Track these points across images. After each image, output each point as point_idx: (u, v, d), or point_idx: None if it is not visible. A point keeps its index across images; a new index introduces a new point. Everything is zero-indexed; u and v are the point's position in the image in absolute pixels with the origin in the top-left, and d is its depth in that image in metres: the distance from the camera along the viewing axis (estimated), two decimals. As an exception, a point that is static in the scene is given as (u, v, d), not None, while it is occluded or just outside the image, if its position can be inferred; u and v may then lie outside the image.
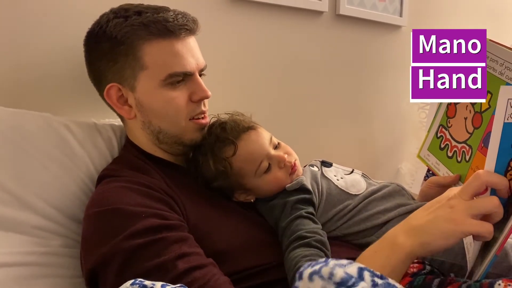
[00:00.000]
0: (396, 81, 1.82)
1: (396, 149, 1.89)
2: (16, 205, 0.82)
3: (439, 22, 1.91)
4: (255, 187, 0.93)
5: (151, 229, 0.73)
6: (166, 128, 0.90)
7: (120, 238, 0.72)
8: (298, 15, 1.45)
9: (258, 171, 0.91)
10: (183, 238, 0.75)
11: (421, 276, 0.81)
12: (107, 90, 0.88)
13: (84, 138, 0.94)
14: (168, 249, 0.72)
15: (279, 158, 0.92)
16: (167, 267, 0.70)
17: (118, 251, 0.71)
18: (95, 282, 0.75)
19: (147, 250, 0.71)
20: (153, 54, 0.85)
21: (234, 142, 0.91)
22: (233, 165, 0.91)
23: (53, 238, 0.85)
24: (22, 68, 0.95)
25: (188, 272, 0.70)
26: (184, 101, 0.89)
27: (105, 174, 0.88)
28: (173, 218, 0.78)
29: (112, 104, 0.90)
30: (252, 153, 0.91)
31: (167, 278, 0.69)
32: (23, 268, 0.78)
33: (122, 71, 0.86)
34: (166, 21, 0.85)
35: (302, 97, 1.52)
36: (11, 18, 0.93)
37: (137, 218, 0.74)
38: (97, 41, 0.88)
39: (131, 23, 0.84)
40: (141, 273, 0.69)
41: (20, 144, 0.85)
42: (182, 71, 0.87)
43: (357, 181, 0.99)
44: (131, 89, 0.88)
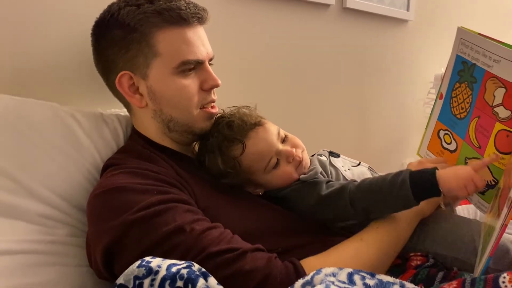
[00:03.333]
0: (402, 75, 1.81)
1: (401, 144, 1.89)
2: (23, 193, 0.82)
3: (446, 17, 1.90)
4: (265, 182, 0.94)
5: (163, 201, 0.75)
6: (177, 116, 0.90)
7: (134, 210, 0.73)
8: (305, 8, 1.44)
9: (267, 168, 0.91)
10: (194, 210, 0.78)
11: (425, 268, 0.81)
12: (118, 78, 0.88)
13: (90, 128, 0.94)
14: (182, 216, 0.74)
15: (288, 153, 0.92)
16: (185, 229, 0.72)
17: (134, 221, 0.72)
18: (109, 261, 0.75)
19: (162, 216, 0.73)
20: (166, 41, 0.86)
21: (242, 142, 0.90)
22: (242, 163, 0.91)
23: (59, 227, 0.85)
24: (29, 58, 0.96)
25: (205, 231, 0.74)
26: (195, 90, 0.90)
27: (110, 163, 0.88)
28: (183, 195, 0.80)
29: (123, 93, 0.90)
30: (261, 151, 0.91)
31: (187, 239, 0.72)
32: (29, 256, 0.78)
33: (134, 58, 0.87)
34: (179, 9, 0.86)
35: (308, 90, 1.52)
36: (19, 9, 0.93)
37: (148, 193, 0.76)
38: (108, 29, 0.87)
39: (144, 10, 0.85)
40: (161, 237, 0.71)
41: (26, 133, 0.85)
42: (194, 59, 0.88)
43: (364, 174, 1.00)
44: (143, 77, 0.88)
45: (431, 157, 1.03)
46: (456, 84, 0.93)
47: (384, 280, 0.60)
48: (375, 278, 0.60)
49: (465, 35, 0.88)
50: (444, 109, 0.96)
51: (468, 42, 0.87)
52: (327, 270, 0.60)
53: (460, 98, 0.91)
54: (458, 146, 0.93)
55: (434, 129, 1.01)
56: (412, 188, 0.78)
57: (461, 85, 0.91)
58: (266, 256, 0.75)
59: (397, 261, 0.87)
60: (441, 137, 0.98)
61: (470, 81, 0.87)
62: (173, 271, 0.61)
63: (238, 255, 0.72)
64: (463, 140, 0.91)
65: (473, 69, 0.86)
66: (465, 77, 0.89)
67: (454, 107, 0.93)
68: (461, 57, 0.90)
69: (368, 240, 0.82)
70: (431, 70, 1.83)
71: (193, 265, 0.63)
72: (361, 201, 0.84)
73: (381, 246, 0.82)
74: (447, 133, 0.96)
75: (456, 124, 0.93)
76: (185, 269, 0.62)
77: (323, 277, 0.57)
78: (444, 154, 0.98)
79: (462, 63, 0.90)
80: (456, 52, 0.91)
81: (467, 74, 0.88)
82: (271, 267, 0.73)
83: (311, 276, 0.59)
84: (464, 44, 0.88)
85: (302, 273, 0.73)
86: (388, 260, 0.84)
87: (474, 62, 0.85)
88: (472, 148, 0.88)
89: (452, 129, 0.94)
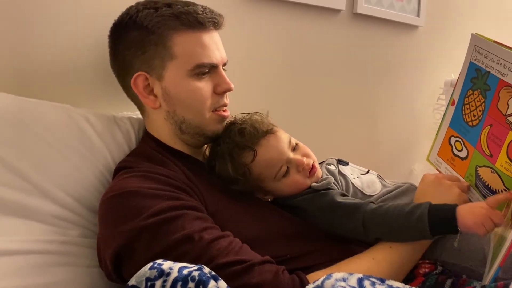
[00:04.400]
0: (411, 81, 1.81)
1: (410, 150, 1.88)
2: (37, 194, 0.83)
3: (457, 23, 1.90)
4: (274, 190, 0.94)
5: (173, 208, 0.76)
6: (189, 118, 0.91)
7: (144, 216, 0.74)
8: (316, 13, 1.45)
9: (277, 175, 0.92)
10: (203, 217, 0.79)
11: (433, 276, 0.81)
12: (134, 79, 0.89)
13: (103, 130, 0.95)
14: (192, 223, 0.75)
15: (298, 162, 0.92)
16: (194, 237, 0.73)
17: (145, 227, 0.73)
18: (119, 264, 0.76)
19: (172, 224, 0.74)
20: (182, 44, 0.88)
21: (253, 149, 0.91)
22: (252, 171, 0.91)
23: (72, 228, 0.86)
24: (43, 61, 0.97)
25: (214, 240, 0.74)
26: (209, 93, 0.91)
27: (122, 166, 0.89)
28: (193, 201, 0.80)
29: (138, 93, 0.91)
30: (272, 159, 0.91)
31: (196, 248, 0.72)
32: (42, 256, 0.79)
33: (150, 60, 0.88)
34: (196, 13, 0.88)
35: (317, 95, 1.52)
36: (34, 12, 0.95)
37: (159, 198, 0.77)
38: (126, 31, 0.89)
39: (162, 13, 0.87)
40: (170, 245, 0.72)
41: (41, 134, 0.87)
42: (209, 63, 0.90)
43: (373, 182, 0.99)
44: (158, 78, 0.89)
45: (441, 163, 1.02)
46: (468, 91, 0.92)
47: (394, 286, 0.60)
48: (385, 284, 0.60)
49: (480, 42, 0.87)
50: (456, 116, 0.96)
51: (482, 49, 0.86)
52: (337, 275, 0.61)
53: (473, 106, 0.91)
54: (469, 154, 0.93)
55: (445, 135, 1.00)
56: (430, 223, 0.78)
57: (474, 93, 0.90)
58: (274, 270, 0.75)
59: (406, 269, 0.86)
60: (452, 144, 0.98)
61: (484, 89, 0.87)
62: (185, 273, 0.62)
63: (246, 268, 0.72)
64: (474, 148, 0.90)
65: (486, 77, 0.85)
66: (478, 85, 0.89)
67: (466, 114, 0.93)
68: (474, 64, 0.89)
69: (380, 261, 0.82)
70: (441, 76, 1.83)
71: (204, 268, 0.64)
72: (374, 228, 0.84)
73: (392, 267, 0.82)
74: (458, 140, 0.96)
75: (468, 132, 0.92)
76: (196, 271, 0.63)
77: (333, 282, 0.58)
78: (455, 161, 0.98)
79: (476, 70, 0.89)
80: (470, 59, 0.90)
81: (480, 82, 0.88)
82: (279, 281, 0.73)
83: (321, 281, 0.60)
84: (478, 51, 0.87)
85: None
86: (398, 279, 0.82)
87: (488, 70, 0.84)
88: (483, 156, 0.88)
89: (464, 136, 0.94)
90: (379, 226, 0.83)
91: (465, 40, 0.91)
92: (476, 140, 0.90)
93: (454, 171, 0.97)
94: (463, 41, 0.90)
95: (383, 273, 0.80)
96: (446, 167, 1.00)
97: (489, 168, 0.86)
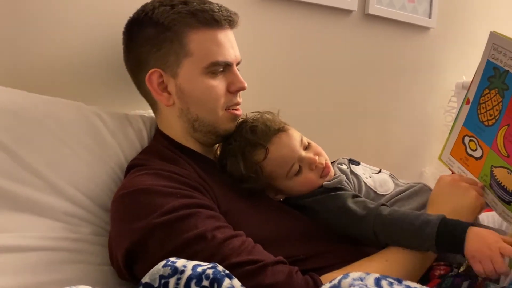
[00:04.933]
0: (422, 83, 1.80)
1: (420, 152, 1.87)
2: (50, 191, 0.83)
3: (469, 25, 1.88)
4: (286, 188, 0.93)
5: (187, 206, 0.75)
6: (203, 116, 0.91)
7: (158, 213, 0.74)
8: (327, 13, 1.44)
9: (289, 174, 0.91)
10: (216, 216, 0.78)
11: (449, 278, 0.80)
12: (149, 76, 0.89)
13: (115, 128, 0.95)
14: (205, 222, 0.75)
15: (310, 160, 0.91)
16: (206, 236, 0.73)
17: (158, 225, 0.73)
18: (130, 262, 0.76)
19: (185, 222, 0.74)
20: (198, 41, 0.88)
21: (265, 147, 0.90)
22: (264, 169, 0.90)
23: (84, 226, 0.86)
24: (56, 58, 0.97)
25: (227, 240, 0.74)
26: (222, 91, 0.91)
27: (134, 164, 0.89)
28: (205, 200, 0.80)
29: (152, 90, 0.91)
30: (284, 156, 0.90)
31: (208, 247, 0.72)
32: (54, 253, 0.79)
33: (166, 57, 0.88)
34: (212, 11, 0.88)
35: (327, 95, 1.51)
36: (48, 9, 0.95)
37: (172, 196, 0.76)
38: (142, 27, 0.89)
39: (178, 10, 0.87)
40: (182, 243, 0.72)
41: (54, 131, 0.87)
42: (224, 61, 0.90)
43: (385, 181, 0.98)
44: (173, 75, 0.89)
45: (454, 162, 1.01)
46: (485, 90, 0.91)
47: (412, 286, 0.59)
48: (402, 285, 0.59)
49: (498, 40, 0.85)
50: (471, 115, 0.95)
51: (501, 47, 0.84)
52: (354, 274, 0.60)
53: (489, 105, 0.89)
54: (484, 154, 0.91)
55: (459, 134, 0.99)
56: (437, 245, 0.77)
57: (491, 92, 0.89)
58: (287, 270, 0.74)
59: (420, 270, 0.85)
60: (466, 144, 0.97)
61: (501, 88, 0.85)
62: (199, 271, 0.61)
63: (259, 268, 0.72)
64: (490, 148, 0.89)
65: (505, 76, 0.84)
66: (496, 84, 0.87)
67: (481, 113, 0.92)
68: (492, 63, 0.88)
69: (393, 262, 0.81)
70: (452, 78, 1.82)
71: (218, 266, 0.64)
72: (384, 237, 0.83)
73: (406, 268, 0.80)
74: (472, 140, 0.95)
75: (483, 131, 0.91)
76: (210, 269, 0.62)
77: (351, 281, 0.57)
78: (468, 161, 0.96)
79: (493, 69, 0.88)
80: (487, 57, 0.89)
81: (498, 81, 0.87)
82: (292, 282, 0.72)
83: (338, 280, 0.59)
84: (497, 49, 0.86)
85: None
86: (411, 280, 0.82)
87: (507, 68, 0.83)
88: (499, 156, 0.86)
89: (478, 136, 0.93)
90: (389, 237, 0.83)
91: (477, 42, 0.90)
92: (492, 140, 0.88)
93: (468, 171, 0.96)
94: (474, 44, 0.90)
95: (396, 275, 0.76)
96: (459, 166, 0.98)
97: (505, 169, 0.85)
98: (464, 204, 0.85)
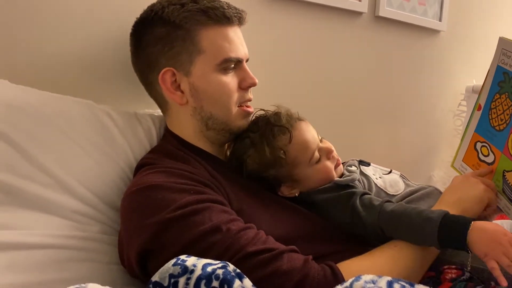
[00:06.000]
0: (432, 86, 1.79)
1: (429, 155, 1.85)
2: (58, 189, 0.83)
3: (479, 29, 1.87)
4: (305, 178, 0.93)
5: (200, 201, 0.76)
6: (216, 114, 0.91)
7: (171, 208, 0.73)
8: (338, 15, 1.44)
9: (311, 160, 0.92)
10: (229, 211, 0.78)
11: (461, 282, 0.79)
12: (162, 75, 0.89)
13: (125, 127, 0.95)
14: (218, 215, 0.75)
15: (328, 149, 0.94)
16: (221, 228, 0.73)
17: (172, 219, 0.73)
18: (144, 259, 0.75)
19: (199, 216, 0.74)
20: (210, 39, 0.88)
21: (290, 130, 0.91)
22: (288, 153, 0.91)
23: (92, 224, 0.86)
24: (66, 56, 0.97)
25: (241, 231, 0.74)
26: (234, 87, 0.92)
27: (144, 163, 0.89)
28: (218, 196, 0.80)
29: (165, 89, 0.91)
30: (307, 141, 0.92)
31: (224, 239, 0.72)
32: (62, 251, 0.79)
33: (178, 55, 0.88)
34: (223, 8, 0.88)
35: (337, 97, 1.51)
36: (58, 8, 0.95)
37: (184, 192, 0.76)
38: (152, 27, 0.89)
39: (188, 9, 0.87)
40: (198, 236, 0.72)
41: (64, 129, 0.86)
42: (236, 57, 0.90)
43: (396, 181, 0.98)
44: (185, 74, 0.89)
45: (466, 169, 1.00)
46: (496, 95, 0.90)
47: (424, 290, 0.59)
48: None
49: (508, 45, 0.86)
50: (482, 121, 0.94)
51: (510, 52, 0.85)
52: (366, 277, 0.59)
53: (500, 109, 0.89)
54: (496, 159, 0.91)
55: (471, 141, 0.98)
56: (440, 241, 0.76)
57: (501, 96, 0.89)
58: (302, 257, 0.75)
59: (431, 274, 0.84)
60: (478, 150, 0.96)
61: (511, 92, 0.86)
62: (209, 271, 0.61)
63: (275, 255, 0.72)
64: (502, 153, 0.88)
65: None
66: (506, 88, 0.87)
67: (493, 118, 0.91)
68: (502, 68, 0.88)
69: (403, 247, 0.81)
70: (462, 82, 1.80)
71: (228, 265, 0.63)
72: (389, 231, 0.83)
73: (416, 252, 0.81)
74: (484, 145, 0.94)
75: (495, 136, 0.90)
76: (220, 269, 0.61)
77: (363, 284, 0.56)
78: (481, 167, 0.95)
79: (503, 74, 0.88)
80: (497, 62, 0.89)
81: (508, 85, 0.87)
82: (309, 268, 0.72)
83: (350, 282, 0.58)
84: (506, 54, 0.86)
85: (339, 276, 0.72)
86: (422, 268, 0.82)
87: None
88: (511, 160, 0.85)
89: (490, 141, 0.92)
90: (393, 232, 0.83)
91: (487, 46, 0.90)
92: (503, 144, 0.88)
93: None
94: (485, 47, 0.90)
95: (408, 258, 0.80)
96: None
97: None
98: (471, 194, 0.85)
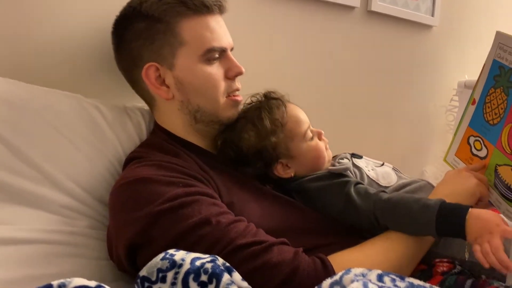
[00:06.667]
0: (424, 82, 1.78)
1: (421, 151, 1.85)
2: (46, 183, 0.82)
3: (472, 23, 1.87)
4: (299, 154, 0.93)
5: (189, 193, 0.75)
6: (204, 106, 0.90)
7: (160, 201, 0.73)
8: (329, 9, 1.43)
9: (306, 135, 0.93)
10: (218, 203, 0.78)
11: (452, 275, 0.79)
12: (145, 70, 0.88)
13: (114, 121, 0.94)
14: (208, 208, 0.74)
15: (318, 131, 0.97)
16: (211, 221, 0.72)
17: (161, 212, 0.72)
18: (133, 253, 0.75)
19: (188, 208, 0.73)
20: (191, 29, 0.87)
21: (284, 104, 0.94)
22: (285, 124, 0.92)
23: (80, 219, 0.85)
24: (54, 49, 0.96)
25: (231, 224, 0.74)
26: (221, 77, 0.90)
27: (133, 156, 0.88)
28: (207, 189, 0.80)
29: (150, 85, 0.89)
30: (300, 116, 0.95)
31: (213, 231, 0.71)
32: (50, 246, 0.78)
33: (160, 49, 0.87)
34: None
35: (329, 93, 1.50)
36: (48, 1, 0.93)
37: (173, 185, 0.75)
38: (131, 23, 0.88)
39: (167, 1, 0.86)
40: (187, 229, 0.71)
41: (52, 122, 0.85)
42: (219, 47, 0.89)
43: (388, 174, 0.98)
44: (169, 67, 0.88)
45: (458, 163, 1.00)
46: (491, 89, 0.90)
47: (415, 283, 0.58)
48: (405, 281, 0.58)
49: (504, 40, 0.86)
50: (476, 115, 0.94)
51: (506, 46, 0.85)
52: (356, 270, 0.59)
53: (494, 104, 0.89)
54: (488, 153, 0.91)
55: (464, 135, 0.98)
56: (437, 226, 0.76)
57: (496, 90, 0.89)
58: (292, 250, 0.74)
59: (422, 267, 0.85)
60: (471, 144, 0.96)
61: (507, 86, 0.85)
62: (197, 265, 0.60)
63: (265, 247, 0.72)
64: (495, 147, 0.88)
65: (510, 74, 0.84)
66: (501, 82, 0.87)
67: (487, 112, 0.91)
68: (498, 62, 0.88)
69: (394, 239, 0.81)
70: (454, 77, 1.80)
71: (217, 259, 0.62)
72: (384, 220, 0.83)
73: (408, 245, 0.81)
74: (477, 140, 0.94)
75: (488, 131, 0.90)
76: (209, 263, 0.61)
77: (352, 277, 0.56)
78: (473, 161, 0.95)
79: (499, 68, 0.88)
80: (493, 56, 0.89)
81: (503, 79, 0.86)
82: (299, 261, 0.72)
83: (340, 275, 0.58)
84: (502, 48, 0.86)
85: (330, 269, 0.72)
86: (414, 261, 0.82)
87: None
88: (504, 154, 0.85)
89: (484, 136, 0.92)
90: (389, 221, 0.83)
91: (479, 41, 0.90)
92: (496, 138, 0.88)
93: None
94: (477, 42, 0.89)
95: (399, 251, 0.80)
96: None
97: (509, 167, 0.84)
98: (464, 187, 0.86)
